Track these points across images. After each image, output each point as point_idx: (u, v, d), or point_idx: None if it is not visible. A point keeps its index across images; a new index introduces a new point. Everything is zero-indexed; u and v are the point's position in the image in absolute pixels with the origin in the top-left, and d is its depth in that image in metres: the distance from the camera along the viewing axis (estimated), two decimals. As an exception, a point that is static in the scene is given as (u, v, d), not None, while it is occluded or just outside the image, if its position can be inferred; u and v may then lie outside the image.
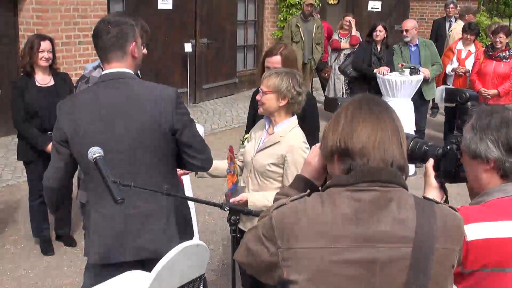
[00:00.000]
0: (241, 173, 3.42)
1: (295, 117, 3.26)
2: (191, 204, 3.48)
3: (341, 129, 1.64)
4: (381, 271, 1.52)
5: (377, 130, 1.61)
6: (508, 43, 7.37)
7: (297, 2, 11.40)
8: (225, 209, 2.36)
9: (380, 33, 7.61)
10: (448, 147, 2.03)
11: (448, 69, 8.10)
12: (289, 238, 1.55)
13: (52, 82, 4.74)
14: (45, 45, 4.60)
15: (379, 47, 7.71)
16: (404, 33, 7.59)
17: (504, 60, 7.22)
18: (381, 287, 1.53)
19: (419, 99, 7.56)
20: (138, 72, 3.10)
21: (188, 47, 10.00)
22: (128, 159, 2.59)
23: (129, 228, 2.65)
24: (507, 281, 1.86)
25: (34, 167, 4.76)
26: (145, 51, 2.81)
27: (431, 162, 2.05)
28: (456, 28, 9.30)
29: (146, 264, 2.67)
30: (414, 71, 7.35)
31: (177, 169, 2.84)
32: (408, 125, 6.94)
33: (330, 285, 1.53)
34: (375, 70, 7.54)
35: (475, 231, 1.80)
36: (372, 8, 12.79)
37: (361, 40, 9.10)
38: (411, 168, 6.80)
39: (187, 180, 4.12)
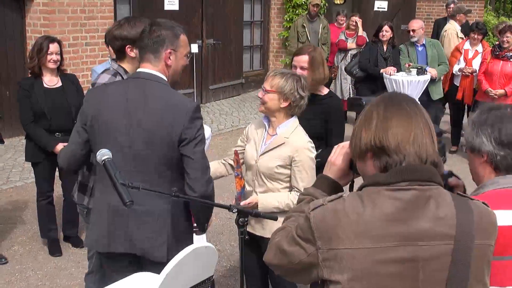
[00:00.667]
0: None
1: (295, 117, 3.26)
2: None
3: (374, 127, 1.65)
4: (423, 269, 1.55)
5: (411, 126, 1.63)
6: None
7: (303, 3, 11.40)
8: (233, 211, 2.37)
9: (386, 33, 7.60)
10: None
11: (455, 69, 8.06)
12: (331, 239, 1.56)
13: (59, 84, 4.75)
14: (53, 47, 4.61)
15: (385, 47, 7.70)
16: (411, 33, 7.58)
17: (511, 59, 7.19)
18: (424, 284, 1.56)
19: (426, 99, 7.54)
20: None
21: (194, 48, 10.01)
22: (132, 158, 2.63)
23: (123, 223, 2.69)
24: (505, 269, 1.93)
25: (41, 168, 4.77)
26: (187, 61, 2.82)
27: None
28: (450, 29, 9.20)
29: (144, 267, 2.70)
30: (421, 71, 7.33)
31: None
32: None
33: (373, 284, 1.55)
34: (381, 70, 7.53)
35: None
36: (378, 8, 12.75)
37: (367, 40, 9.08)
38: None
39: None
